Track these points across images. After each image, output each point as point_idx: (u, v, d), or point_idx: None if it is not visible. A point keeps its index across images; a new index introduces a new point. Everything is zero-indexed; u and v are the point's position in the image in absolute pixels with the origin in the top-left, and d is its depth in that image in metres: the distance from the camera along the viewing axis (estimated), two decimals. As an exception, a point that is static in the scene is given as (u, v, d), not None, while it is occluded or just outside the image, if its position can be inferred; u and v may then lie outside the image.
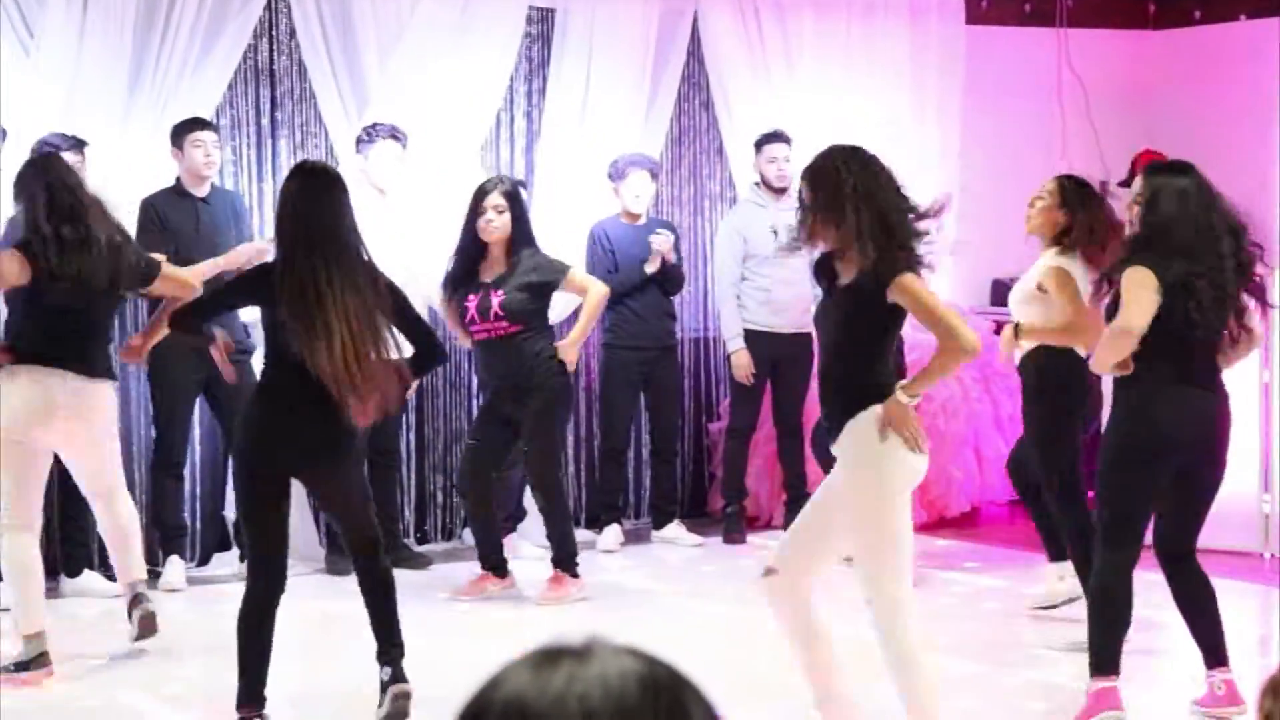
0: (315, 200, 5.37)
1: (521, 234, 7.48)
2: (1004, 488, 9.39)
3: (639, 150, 8.79)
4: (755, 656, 6.48)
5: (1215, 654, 5.66)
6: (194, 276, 6.74)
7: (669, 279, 8.67)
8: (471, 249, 7.51)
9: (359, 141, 8.13)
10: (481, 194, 7.45)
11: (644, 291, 8.62)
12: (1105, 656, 5.48)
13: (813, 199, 4.97)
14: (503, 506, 8.29)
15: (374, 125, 8.09)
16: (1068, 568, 6.74)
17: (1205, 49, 10.35)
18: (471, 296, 7.46)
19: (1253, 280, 5.49)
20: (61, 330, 6.21)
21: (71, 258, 6.12)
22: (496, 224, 7.40)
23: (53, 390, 6.19)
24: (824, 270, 5.10)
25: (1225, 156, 9.36)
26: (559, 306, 8.66)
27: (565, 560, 7.63)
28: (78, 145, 7.27)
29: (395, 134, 8.04)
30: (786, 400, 8.86)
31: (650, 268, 8.47)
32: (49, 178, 6.24)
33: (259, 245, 7.59)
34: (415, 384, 8.17)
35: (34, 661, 6.13)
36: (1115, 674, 5.48)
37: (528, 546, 8.43)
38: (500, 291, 7.45)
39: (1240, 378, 8.02)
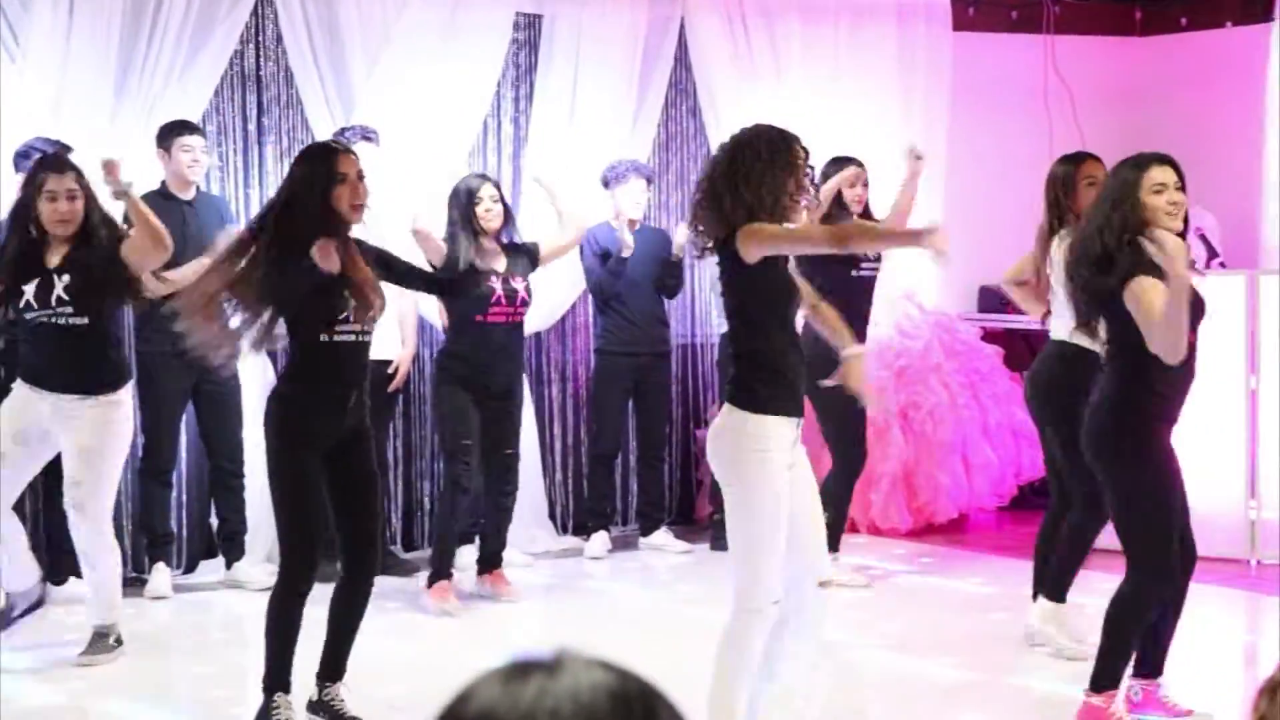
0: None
1: (509, 222, 7.64)
2: (991, 494, 9.40)
3: (627, 156, 8.78)
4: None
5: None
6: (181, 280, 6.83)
7: (670, 278, 8.67)
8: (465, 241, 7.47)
9: None
10: (475, 188, 7.45)
11: (639, 297, 8.61)
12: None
13: None
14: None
15: (342, 131, 8.00)
16: None
17: (1192, 55, 10.36)
18: (493, 278, 7.39)
19: None
20: None
21: None
22: (495, 212, 7.46)
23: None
24: None
25: (1212, 162, 9.38)
26: (553, 303, 8.68)
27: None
28: (61, 150, 7.26)
29: (367, 134, 7.97)
30: None
31: (625, 253, 8.45)
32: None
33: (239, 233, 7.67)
34: (402, 379, 8.14)
35: None
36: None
37: (515, 554, 8.40)
38: (519, 277, 7.52)
39: (1227, 384, 8.06)
